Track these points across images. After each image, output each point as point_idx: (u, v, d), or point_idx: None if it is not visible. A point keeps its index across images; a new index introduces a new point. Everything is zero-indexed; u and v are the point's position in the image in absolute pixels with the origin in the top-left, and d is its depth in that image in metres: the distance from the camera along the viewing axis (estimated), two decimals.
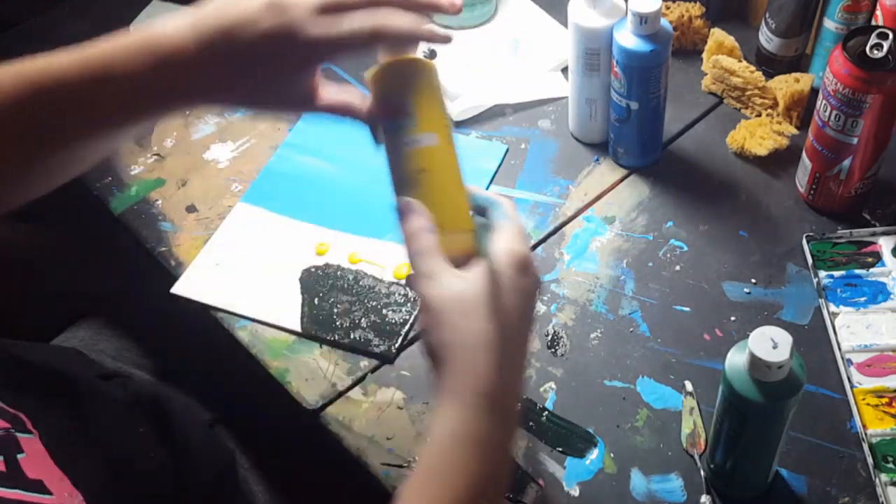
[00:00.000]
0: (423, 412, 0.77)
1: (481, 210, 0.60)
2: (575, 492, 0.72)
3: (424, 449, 0.58)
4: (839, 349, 0.77)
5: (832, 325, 0.78)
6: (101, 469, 0.63)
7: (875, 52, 0.74)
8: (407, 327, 0.82)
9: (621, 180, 0.92)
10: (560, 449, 0.74)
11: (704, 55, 0.99)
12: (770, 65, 0.96)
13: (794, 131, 0.92)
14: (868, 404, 0.73)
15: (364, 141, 0.71)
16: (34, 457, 0.57)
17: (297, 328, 0.82)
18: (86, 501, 0.58)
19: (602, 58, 0.86)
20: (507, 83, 1.01)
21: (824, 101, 0.79)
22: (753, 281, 0.83)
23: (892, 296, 0.80)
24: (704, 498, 0.70)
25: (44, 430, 0.60)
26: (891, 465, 0.70)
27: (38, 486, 0.55)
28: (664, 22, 0.82)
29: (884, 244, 0.83)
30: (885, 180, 0.87)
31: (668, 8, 1.01)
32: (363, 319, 0.82)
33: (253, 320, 0.84)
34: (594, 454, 0.74)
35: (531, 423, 0.76)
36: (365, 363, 0.81)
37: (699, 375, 0.77)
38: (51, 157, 0.59)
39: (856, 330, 0.78)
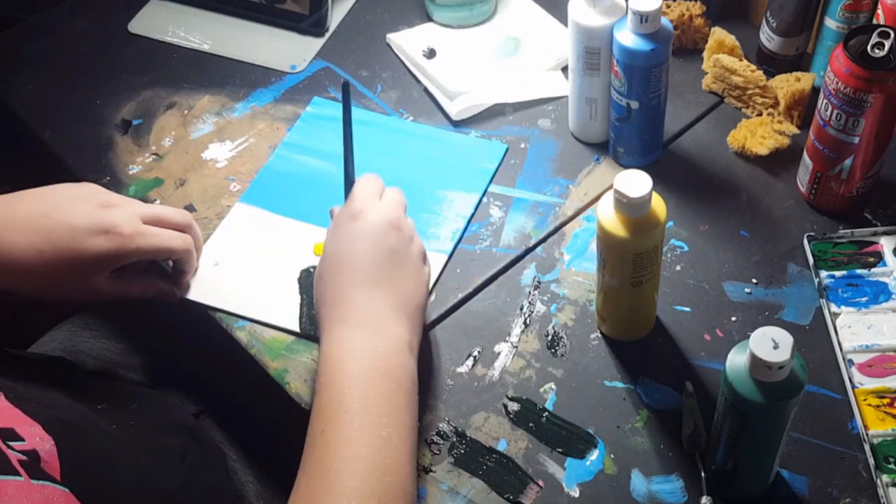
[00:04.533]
0: (423, 412, 0.76)
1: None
2: (575, 493, 0.72)
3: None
4: (840, 349, 0.77)
5: (833, 326, 0.78)
6: (70, 417, 0.64)
7: (876, 51, 0.74)
8: None
9: None
10: (560, 450, 0.74)
11: (705, 54, 0.99)
12: (771, 64, 0.96)
13: (795, 130, 0.91)
14: (869, 405, 0.73)
15: (362, 141, 0.72)
16: (1, 410, 0.58)
17: (296, 328, 0.82)
18: (56, 446, 0.58)
19: (602, 57, 0.86)
20: (507, 82, 1.00)
21: (825, 101, 0.78)
22: (754, 281, 0.83)
23: (893, 296, 0.79)
24: (705, 499, 0.70)
25: (9, 388, 0.61)
26: (892, 466, 0.70)
27: (10, 434, 0.56)
28: (665, 21, 0.82)
29: (885, 244, 0.83)
30: (887, 180, 0.86)
31: (668, 6, 1.01)
32: None
33: (251, 320, 0.83)
34: (594, 455, 0.73)
35: (531, 424, 0.75)
36: None
37: (700, 376, 0.77)
38: None
39: (857, 330, 0.77)
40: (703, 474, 0.71)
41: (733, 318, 0.80)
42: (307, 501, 0.61)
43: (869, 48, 0.74)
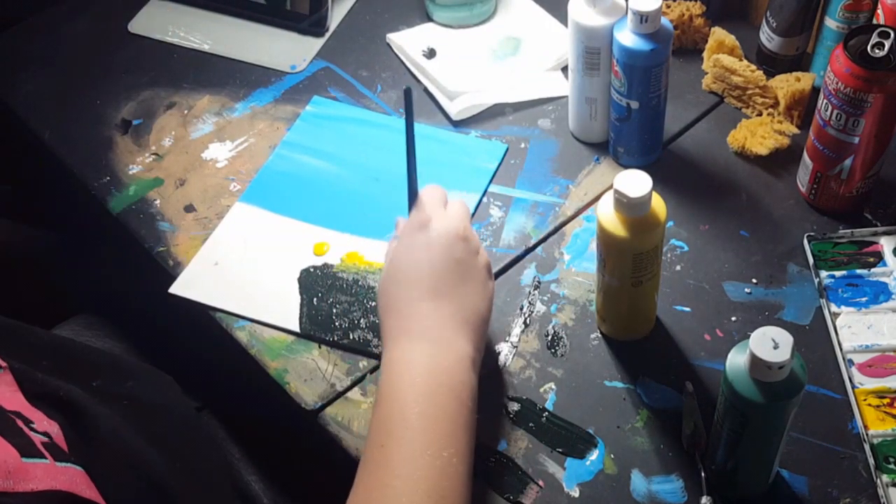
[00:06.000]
0: None
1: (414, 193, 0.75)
2: (575, 493, 0.72)
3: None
4: (840, 349, 0.77)
5: (833, 326, 0.78)
6: (75, 401, 0.63)
7: (876, 51, 0.74)
8: None
9: None
10: (560, 450, 0.74)
11: (705, 54, 0.99)
12: (771, 64, 0.96)
13: (795, 130, 0.91)
14: (869, 405, 0.73)
15: (362, 140, 0.72)
16: (5, 388, 0.58)
17: (296, 328, 0.82)
18: (62, 429, 0.58)
19: (602, 57, 0.86)
20: (507, 82, 1.00)
21: (825, 101, 0.78)
22: (754, 281, 0.83)
23: (893, 296, 0.79)
24: (705, 499, 0.70)
25: (15, 361, 0.61)
26: (892, 466, 0.70)
27: (24, 419, 0.56)
28: (664, 20, 0.82)
29: (885, 244, 0.83)
30: (887, 180, 0.86)
31: (668, 6, 1.01)
32: (362, 320, 0.82)
33: (251, 320, 0.83)
34: (594, 455, 0.73)
35: (531, 424, 0.75)
36: (364, 363, 0.80)
37: (700, 376, 0.77)
38: None
39: (857, 330, 0.77)
40: (703, 474, 0.71)
41: (733, 318, 0.80)
42: None
43: (869, 48, 0.74)
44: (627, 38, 0.81)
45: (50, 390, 0.62)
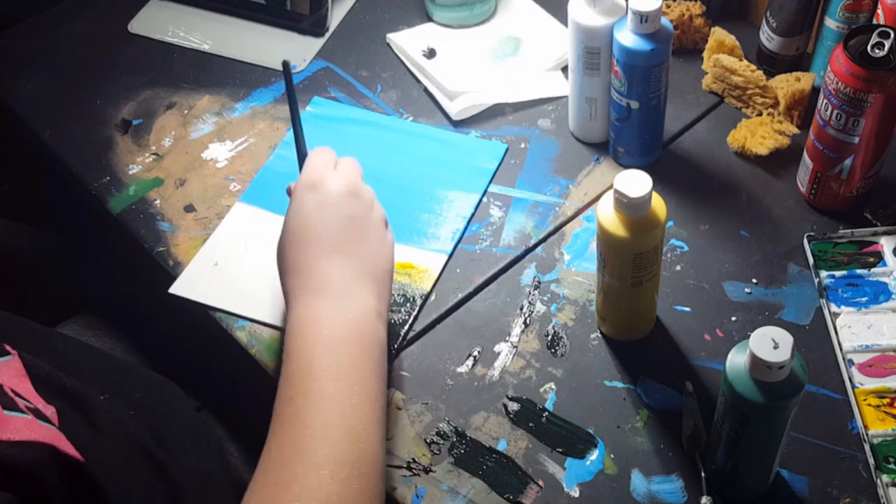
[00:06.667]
0: (423, 412, 0.77)
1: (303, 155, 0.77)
2: (575, 493, 0.72)
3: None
4: (840, 349, 0.77)
5: (833, 326, 0.78)
6: (74, 393, 0.64)
7: (876, 51, 0.74)
8: (406, 327, 0.81)
9: None
10: (560, 450, 0.74)
11: (705, 54, 0.99)
12: (771, 64, 0.96)
13: (795, 130, 0.91)
14: (869, 405, 0.73)
15: (362, 140, 0.72)
16: (10, 375, 0.59)
17: None
18: (58, 414, 0.59)
19: (602, 57, 0.86)
20: (507, 82, 1.00)
21: (825, 101, 0.78)
22: (754, 281, 0.83)
23: (893, 296, 0.79)
24: (705, 499, 0.70)
25: (22, 350, 0.62)
26: (892, 466, 0.70)
27: (11, 402, 0.57)
28: (665, 20, 0.82)
29: (885, 244, 0.83)
30: (887, 180, 0.86)
31: (668, 6, 1.01)
32: None
33: (251, 320, 0.83)
34: (594, 455, 0.73)
35: (531, 424, 0.75)
36: None
37: (700, 376, 0.77)
38: None
39: (857, 330, 0.77)
40: (703, 474, 0.71)
41: (733, 318, 0.80)
42: (280, 468, 0.61)
43: (869, 48, 0.74)
44: (627, 38, 0.81)
45: (56, 379, 0.63)
